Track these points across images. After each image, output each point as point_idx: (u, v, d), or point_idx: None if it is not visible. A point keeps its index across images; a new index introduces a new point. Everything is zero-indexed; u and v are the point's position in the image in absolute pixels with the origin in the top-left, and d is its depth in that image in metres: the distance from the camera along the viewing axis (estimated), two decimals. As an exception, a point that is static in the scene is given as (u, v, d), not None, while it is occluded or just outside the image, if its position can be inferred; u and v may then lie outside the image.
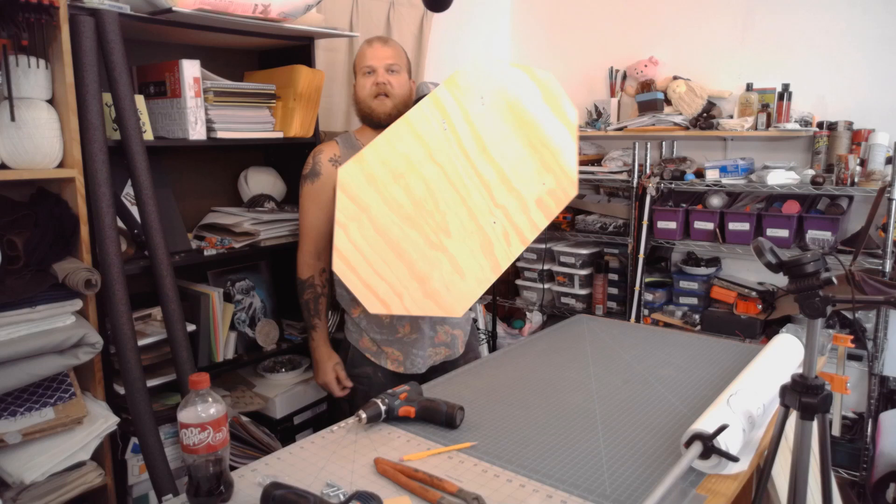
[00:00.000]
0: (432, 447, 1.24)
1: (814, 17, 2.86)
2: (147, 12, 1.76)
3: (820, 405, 1.09)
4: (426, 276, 1.72)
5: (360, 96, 1.87)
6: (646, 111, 3.10)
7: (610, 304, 3.32)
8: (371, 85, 1.84)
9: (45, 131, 1.59)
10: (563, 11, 3.60)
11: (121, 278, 1.69)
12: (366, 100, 1.86)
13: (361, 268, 1.68)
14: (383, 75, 1.84)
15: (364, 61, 1.86)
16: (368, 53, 1.86)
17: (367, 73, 1.85)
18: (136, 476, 1.87)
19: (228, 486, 1.08)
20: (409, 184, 1.69)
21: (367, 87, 1.85)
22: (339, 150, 1.89)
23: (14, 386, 1.53)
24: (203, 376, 1.05)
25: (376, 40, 1.89)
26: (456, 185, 1.73)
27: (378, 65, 1.84)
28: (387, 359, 1.87)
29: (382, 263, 1.69)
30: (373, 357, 1.89)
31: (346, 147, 1.90)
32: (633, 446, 1.24)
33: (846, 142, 2.71)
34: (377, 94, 1.84)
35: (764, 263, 1.10)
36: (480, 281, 1.77)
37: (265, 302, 2.35)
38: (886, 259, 2.48)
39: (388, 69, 1.84)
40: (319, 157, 1.88)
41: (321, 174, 1.85)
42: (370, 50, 1.86)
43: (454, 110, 1.72)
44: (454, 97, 1.72)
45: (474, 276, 1.76)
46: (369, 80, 1.84)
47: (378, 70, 1.84)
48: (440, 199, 1.72)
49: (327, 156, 1.87)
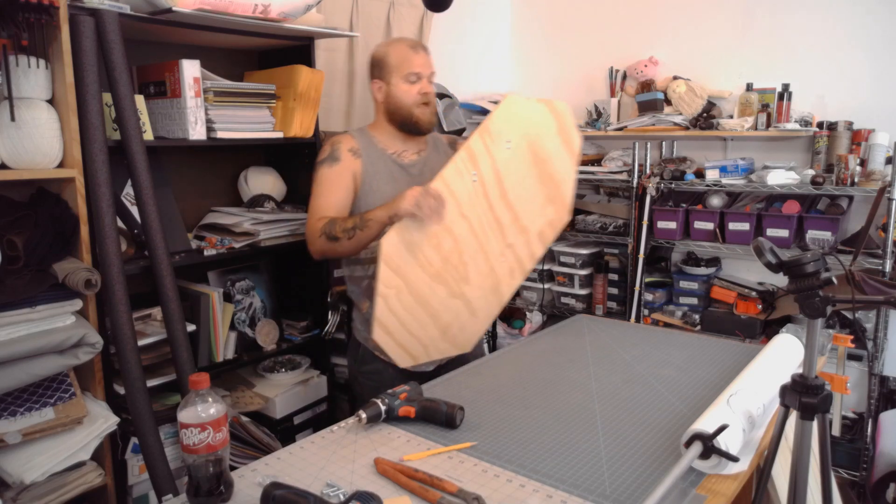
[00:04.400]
0: (432, 447, 1.24)
1: (814, 17, 2.86)
2: (147, 12, 1.76)
3: (820, 405, 1.09)
4: (448, 325, 1.80)
5: (401, 102, 1.82)
6: (646, 111, 3.10)
7: (610, 304, 3.32)
8: (417, 93, 1.81)
9: (45, 131, 1.59)
10: (563, 11, 3.60)
11: (121, 278, 1.70)
12: (409, 107, 1.82)
13: (398, 332, 1.72)
14: (428, 85, 1.83)
15: (410, 67, 1.81)
16: (415, 60, 1.81)
17: (413, 81, 1.81)
18: (136, 476, 1.87)
19: (228, 486, 1.08)
20: (440, 242, 1.68)
21: (413, 94, 1.81)
22: (357, 142, 1.85)
23: (14, 386, 1.53)
24: (203, 376, 1.05)
25: (420, 47, 1.85)
26: (478, 234, 1.74)
27: (425, 73, 1.82)
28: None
29: (415, 323, 1.74)
30: (381, 354, 1.88)
31: (364, 141, 1.86)
32: (633, 446, 1.24)
33: (846, 142, 2.71)
34: (422, 103, 1.82)
35: (764, 263, 1.10)
36: (489, 317, 1.88)
37: (265, 302, 2.35)
38: (886, 259, 2.48)
39: (429, 78, 1.84)
40: (339, 145, 1.84)
41: (341, 160, 1.82)
42: (417, 57, 1.82)
43: (484, 160, 1.70)
44: (485, 145, 1.69)
45: (484, 314, 1.86)
46: (415, 88, 1.81)
47: (424, 79, 1.82)
48: (464, 251, 1.73)
49: (347, 146, 1.84)
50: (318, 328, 2.42)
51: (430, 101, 1.84)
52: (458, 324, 1.82)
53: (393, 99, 1.83)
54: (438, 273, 1.71)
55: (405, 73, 1.80)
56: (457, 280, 1.74)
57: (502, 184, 1.74)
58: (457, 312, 1.79)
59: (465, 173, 1.68)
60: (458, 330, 1.83)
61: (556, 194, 1.85)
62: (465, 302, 1.79)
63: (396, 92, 1.82)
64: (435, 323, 1.77)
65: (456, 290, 1.76)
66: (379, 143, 1.86)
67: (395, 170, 1.85)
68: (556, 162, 1.82)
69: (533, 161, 1.79)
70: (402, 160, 1.87)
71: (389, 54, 1.83)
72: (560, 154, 1.82)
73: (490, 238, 1.77)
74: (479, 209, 1.72)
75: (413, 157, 1.89)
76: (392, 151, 1.87)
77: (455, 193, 1.67)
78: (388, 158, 1.85)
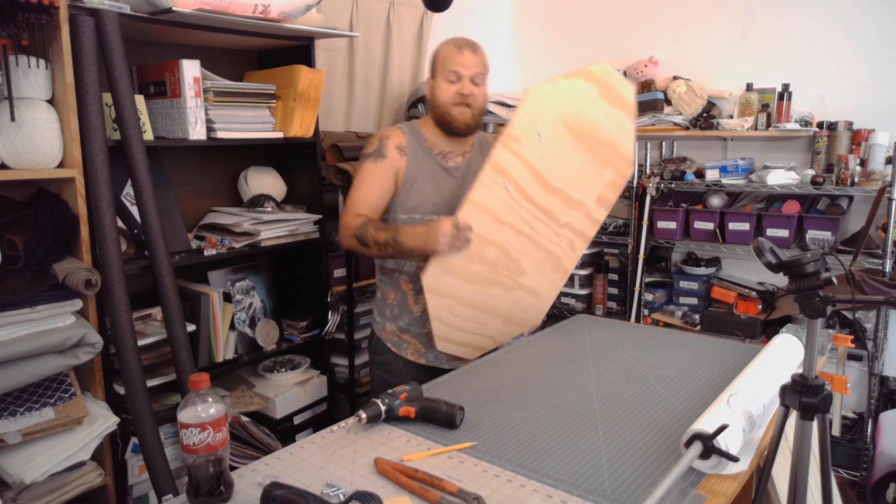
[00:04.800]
0: (432, 447, 1.24)
1: (814, 17, 2.86)
2: (147, 12, 1.76)
3: (820, 405, 1.09)
4: (510, 314, 1.82)
5: (439, 100, 1.80)
6: (646, 111, 3.10)
7: (610, 304, 3.31)
8: (455, 93, 1.77)
9: (45, 131, 1.59)
10: (563, 11, 3.60)
11: (121, 278, 1.70)
12: (446, 106, 1.79)
13: (459, 337, 1.77)
14: (468, 86, 1.77)
15: (450, 66, 1.78)
16: (456, 59, 1.77)
17: (452, 80, 1.77)
18: (136, 476, 1.87)
19: (228, 486, 1.08)
20: (483, 254, 1.66)
21: (450, 94, 1.78)
22: (405, 139, 1.84)
23: (14, 386, 1.53)
24: (203, 376, 1.05)
25: (466, 47, 1.79)
26: (523, 230, 1.71)
27: (465, 73, 1.77)
28: (407, 349, 1.87)
29: (474, 324, 1.77)
30: (393, 347, 1.89)
31: (412, 138, 1.85)
32: (633, 446, 1.24)
33: (846, 142, 2.71)
34: (459, 103, 1.78)
35: (764, 263, 1.10)
36: (553, 290, 1.89)
37: (265, 302, 2.35)
38: (886, 259, 2.48)
39: (472, 79, 1.78)
40: (387, 141, 1.82)
41: (387, 157, 1.80)
42: (459, 56, 1.77)
43: (514, 165, 1.62)
44: (512, 152, 1.62)
45: (548, 291, 1.87)
46: (453, 88, 1.77)
47: (464, 79, 1.77)
48: (511, 250, 1.71)
49: (395, 142, 1.82)
50: (318, 328, 2.42)
51: (469, 102, 1.78)
52: (521, 308, 1.83)
53: (434, 97, 1.82)
54: (489, 279, 1.70)
55: (446, 71, 1.78)
56: (511, 275, 1.74)
57: (541, 176, 1.66)
58: (517, 300, 1.80)
59: (495, 186, 1.61)
60: (524, 312, 1.84)
61: (611, 155, 1.75)
62: (524, 290, 1.79)
63: (437, 90, 1.81)
64: (496, 317, 1.79)
65: (512, 284, 1.76)
66: (427, 140, 1.85)
67: (438, 171, 1.84)
68: (604, 126, 1.72)
69: (575, 138, 1.68)
70: (445, 162, 1.85)
71: (439, 52, 1.82)
72: (609, 114, 1.71)
73: (539, 228, 1.72)
74: (520, 209, 1.66)
75: (458, 159, 1.87)
76: (438, 151, 1.85)
77: (488, 209, 1.61)
78: (433, 158, 1.84)
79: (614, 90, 1.72)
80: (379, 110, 3.08)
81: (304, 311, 2.45)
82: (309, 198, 2.42)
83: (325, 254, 2.40)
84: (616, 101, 1.73)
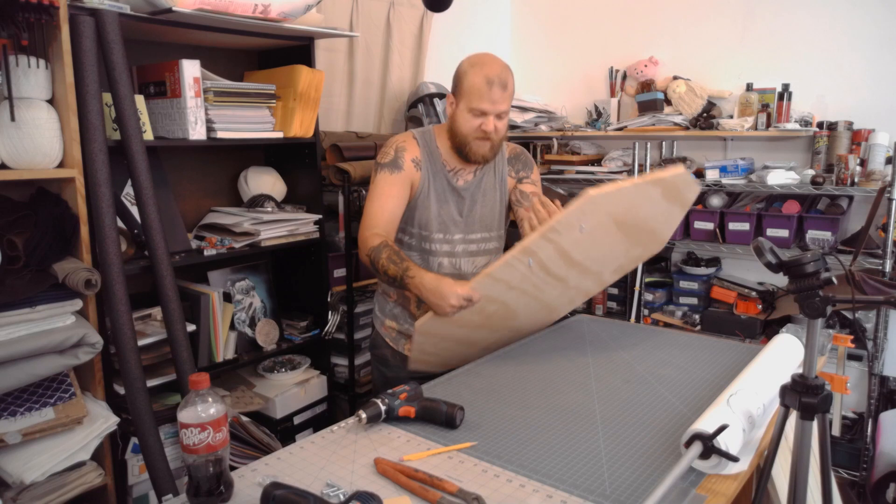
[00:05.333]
0: (432, 447, 1.24)
1: (814, 17, 2.86)
2: (147, 12, 1.76)
3: (820, 405, 1.09)
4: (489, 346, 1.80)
5: (460, 129, 1.76)
6: (646, 111, 3.10)
7: (610, 304, 3.31)
8: (477, 128, 1.73)
9: (45, 131, 1.59)
10: (563, 11, 3.60)
11: (121, 278, 1.69)
12: (466, 136, 1.75)
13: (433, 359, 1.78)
14: (492, 123, 1.73)
15: (476, 102, 1.70)
16: (486, 97, 1.69)
17: (477, 115, 1.72)
18: (136, 476, 1.87)
19: (228, 486, 1.08)
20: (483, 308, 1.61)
21: (473, 127, 1.73)
22: (419, 151, 1.81)
23: (14, 386, 1.53)
24: (203, 376, 1.05)
25: (497, 84, 1.69)
26: (530, 292, 1.65)
27: (491, 111, 1.71)
28: (405, 346, 1.88)
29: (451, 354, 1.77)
30: (391, 342, 1.91)
31: (426, 152, 1.82)
32: (633, 446, 1.24)
33: (846, 142, 2.71)
34: (481, 137, 1.75)
35: (764, 263, 1.10)
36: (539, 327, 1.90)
37: (265, 302, 2.35)
38: (886, 259, 2.48)
39: (498, 116, 1.74)
40: (403, 153, 1.79)
41: (403, 169, 1.78)
42: (488, 94, 1.69)
43: (545, 249, 1.52)
44: (549, 240, 1.49)
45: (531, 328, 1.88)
46: (477, 122, 1.72)
47: (489, 117, 1.72)
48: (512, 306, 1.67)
49: (411, 155, 1.80)
50: (318, 328, 2.42)
51: (491, 137, 1.74)
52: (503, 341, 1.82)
53: (455, 122, 1.77)
54: (481, 324, 1.68)
55: (470, 103, 1.72)
56: (503, 322, 1.73)
57: (568, 256, 1.57)
58: (500, 337, 1.80)
59: (518, 264, 1.52)
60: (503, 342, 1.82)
61: (648, 239, 1.68)
62: (511, 330, 1.80)
63: (459, 118, 1.76)
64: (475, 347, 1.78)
65: (501, 327, 1.75)
66: (441, 154, 1.83)
67: (446, 189, 1.83)
68: (654, 219, 1.64)
69: (619, 229, 1.58)
70: (456, 180, 1.84)
71: (467, 77, 1.73)
72: (664, 210, 1.63)
73: (547, 291, 1.67)
74: (534, 278, 1.59)
75: (468, 177, 1.85)
76: (450, 168, 1.84)
77: (504, 280, 1.56)
78: (444, 175, 1.83)
79: (680, 193, 1.63)
80: (379, 110, 3.08)
81: (304, 311, 2.45)
82: (309, 198, 2.42)
83: (325, 254, 2.40)
84: (678, 200, 1.64)
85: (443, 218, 1.83)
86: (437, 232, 1.83)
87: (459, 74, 1.77)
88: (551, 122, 3.41)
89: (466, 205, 1.85)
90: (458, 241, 1.86)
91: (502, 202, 1.92)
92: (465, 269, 1.87)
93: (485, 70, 1.70)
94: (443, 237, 1.84)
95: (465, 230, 1.86)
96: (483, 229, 1.89)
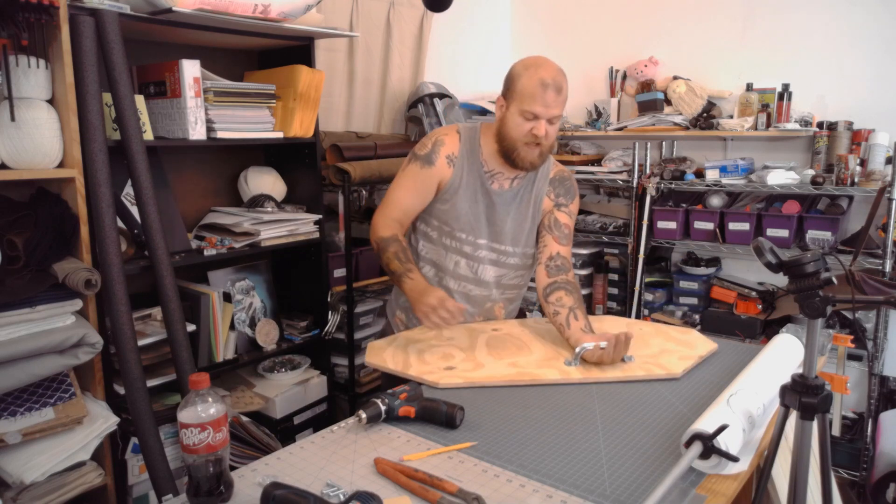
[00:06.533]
0: (432, 447, 1.24)
1: (814, 17, 2.86)
2: (147, 12, 1.76)
3: (820, 405, 1.09)
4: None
5: (509, 133, 1.70)
6: (646, 111, 3.10)
7: (610, 304, 3.32)
8: (527, 132, 1.67)
9: (45, 131, 1.59)
10: (563, 11, 3.60)
11: (121, 278, 1.70)
12: (515, 141, 1.70)
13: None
14: (543, 127, 1.67)
15: (529, 105, 1.65)
16: (539, 100, 1.64)
17: (528, 118, 1.66)
18: (136, 476, 1.87)
19: (228, 486, 1.08)
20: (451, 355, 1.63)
21: (523, 131, 1.67)
22: (458, 148, 1.77)
23: (14, 386, 1.53)
24: (203, 376, 1.05)
25: (552, 87, 1.64)
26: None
27: (544, 115, 1.66)
28: None
29: None
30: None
31: (467, 148, 1.78)
32: (633, 446, 1.24)
33: (846, 142, 2.71)
34: (530, 143, 1.69)
35: (764, 263, 1.10)
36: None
37: (265, 302, 2.35)
38: (886, 259, 2.48)
39: (550, 120, 1.68)
40: (440, 148, 1.76)
41: (434, 165, 1.75)
42: (543, 97, 1.64)
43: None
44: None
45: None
46: (528, 125, 1.67)
47: (542, 121, 1.66)
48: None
49: (447, 150, 1.76)
50: (318, 328, 2.42)
51: (541, 143, 1.69)
52: None
53: (504, 125, 1.72)
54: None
55: (522, 106, 1.66)
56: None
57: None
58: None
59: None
60: None
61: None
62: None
63: (509, 121, 1.70)
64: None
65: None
66: (482, 153, 1.78)
67: (480, 191, 1.78)
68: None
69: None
70: (492, 183, 1.79)
71: (521, 79, 1.67)
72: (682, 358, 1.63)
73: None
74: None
75: (505, 184, 1.80)
76: (488, 170, 1.78)
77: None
78: (480, 176, 1.78)
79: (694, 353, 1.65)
80: (379, 110, 3.08)
81: (304, 311, 2.45)
82: (309, 198, 2.42)
83: (325, 254, 2.40)
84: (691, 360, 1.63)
85: (469, 218, 1.78)
86: (460, 231, 1.79)
87: (512, 76, 1.71)
88: (551, 122, 3.40)
89: (498, 212, 1.79)
90: (483, 247, 1.81)
91: (534, 220, 1.85)
92: (484, 277, 1.83)
93: (540, 72, 1.66)
94: (466, 237, 1.80)
95: (491, 237, 1.81)
96: (510, 242, 1.83)
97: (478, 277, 1.83)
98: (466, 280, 1.83)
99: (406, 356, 1.62)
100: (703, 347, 1.68)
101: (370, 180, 2.49)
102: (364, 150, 2.59)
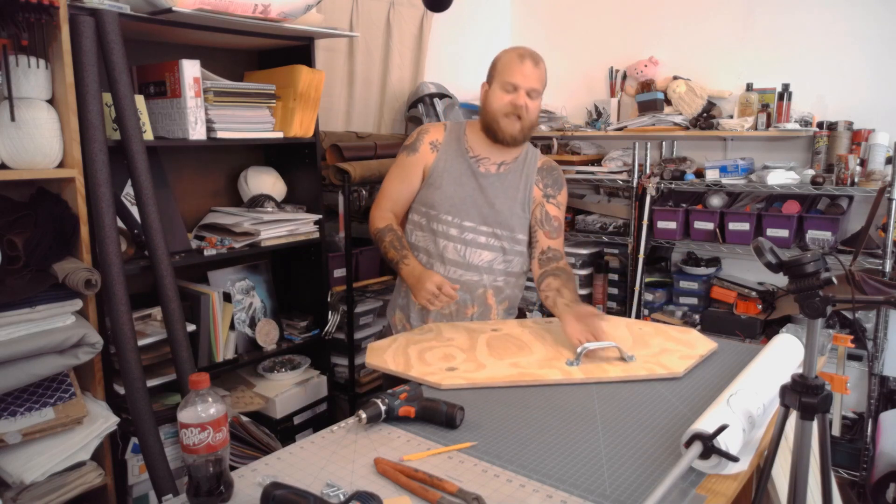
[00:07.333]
0: (432, 447, 1.24)
1: (814, 17, 2.86)
2: (147, 12, 1.76)
3: (820, 405, 1.09)
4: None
5: (491, 107, 1.79)
6: (646, 111, 3.10)
7: (610, 304, 3.32)
8: (507, 103, 1.75)
9: (45, 131, 1.59)
10: (563, 11, 3.60)
11: (121, 278, 1.70)
12: (496, 114, 1.77)
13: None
14: (523, 97, 1.75)
15: (508, 76, 1.75)
16: (517, 70, 1.74)
17: (508, 90, 1.75)
18: (136, 476, 1.87)
19: (228, 486, 1.08)
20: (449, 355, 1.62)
21: (503, 103, 1.76)
22: (443, 136, 1.87)
23: (14, 386, 1.53)
24: (203, 376, 1.05)
25: (528, 57, 1.75)
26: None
27: (523, 85, 1.74)
28: None
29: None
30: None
31: (451, 136, 1.87)
32: (633, 446, 1.24)
33: (846, 142, 2.71)
34: (510, 113, 1.76)
35: (764, 263, 1.10)
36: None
37: (265, 302, 2.35)
38: (886, 259, 2.48)
39: (528, 92, 1.75)
40: (423, 136, 1.88)
41: (418, 151, 1.86)
42: (520, 67, 1.74)
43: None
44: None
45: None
46: (507, 97, 1.75)
47: (520, 91, 1.74)
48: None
49: (430, 138, 1.87)
50: (318, 328, 2.42)
51: (521, 114, 1.76)
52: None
53: (486, 103, 1.81)
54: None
55: (502, 79, 1.76)
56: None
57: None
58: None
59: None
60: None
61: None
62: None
63: (491, 96, 1.79)
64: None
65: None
66: (466, 141, 1.86)
67: (466, 173, 1.84)
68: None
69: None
70: (478, 167, 1.85)
71: (500, 59, 1.80)
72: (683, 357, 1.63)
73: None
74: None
75: (492, 167, 1.86)
76: (473, 154, 1.85)
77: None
78: (465, 160, 1.85)
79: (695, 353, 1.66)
80: (379, 110, 3.08)
81: (304, 311, 2.46)
82: (309, 198, 2.42)
83: (325, 254, 2.40)
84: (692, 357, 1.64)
85: (455, 201, 1.83)
86: (445, 214, 1.83)
87: (493, 61, 1.83)
88: (551, 122, 3.41)
89: (486, 194, 1.84)
90: (470, 230, 1.84)
91: (524, 206, 1.89)
92: (473, 261, 1.86)
93: (517, 50, 1.79)
94: (452, 219, 1.84)
95: (480, 220, 1.85)
96: (500, 226, 1.86)
97: (467, 261, 1.86)
98: (456, 265, 1.86)
99: (407, 357, 1.62)
100: (703, 347, 1.69)
101: (370, 180, 2.49)
102: (364, 150, 2.59)
